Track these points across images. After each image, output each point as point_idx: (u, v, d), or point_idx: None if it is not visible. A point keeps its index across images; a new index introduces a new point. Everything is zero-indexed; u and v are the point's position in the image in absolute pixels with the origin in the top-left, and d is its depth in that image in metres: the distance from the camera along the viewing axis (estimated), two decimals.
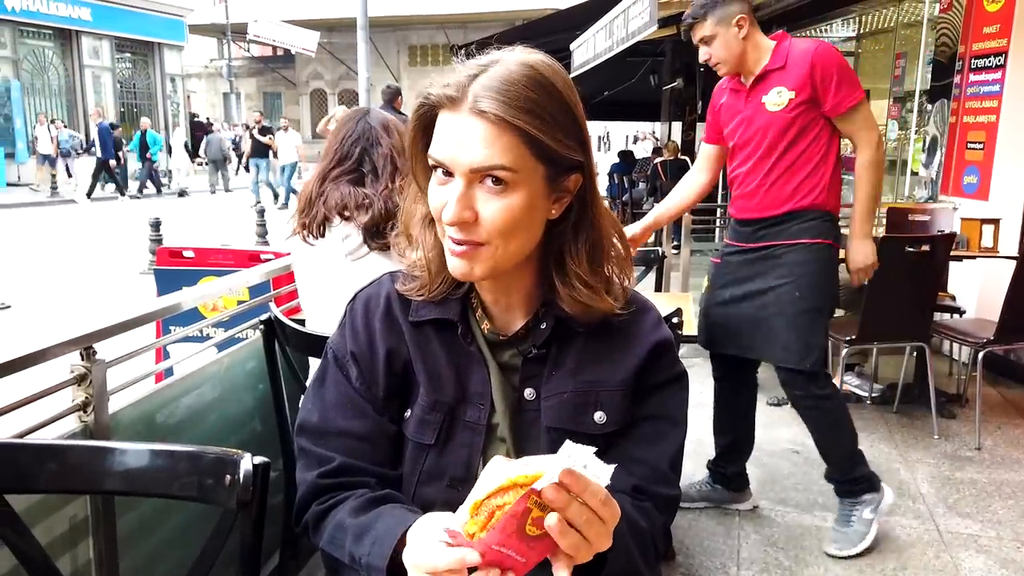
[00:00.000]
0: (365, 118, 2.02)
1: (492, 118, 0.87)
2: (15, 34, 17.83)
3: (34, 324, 5.56)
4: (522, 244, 0.94)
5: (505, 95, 0.88)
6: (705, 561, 2.54)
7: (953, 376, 4.40)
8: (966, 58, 4.70)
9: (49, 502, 1.39)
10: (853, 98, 2.38)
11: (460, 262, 0.93)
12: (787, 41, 2.46)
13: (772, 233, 2.52)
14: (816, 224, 2.47)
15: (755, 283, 2.56)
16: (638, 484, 1.00)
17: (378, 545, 0.88)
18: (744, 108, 2.51)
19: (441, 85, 0.91)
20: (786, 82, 2.40)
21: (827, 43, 2.46)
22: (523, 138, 0.88)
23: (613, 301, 1.00)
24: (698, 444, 3.16)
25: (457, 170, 0.89)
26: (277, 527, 2.10)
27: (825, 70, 2.35)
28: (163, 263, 3.46)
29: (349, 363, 1.05)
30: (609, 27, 6.26)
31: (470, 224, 0.90)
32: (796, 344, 2.48)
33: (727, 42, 2.44)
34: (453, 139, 0.89)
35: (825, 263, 2.50)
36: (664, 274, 3.85)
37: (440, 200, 0.91)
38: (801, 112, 2.39)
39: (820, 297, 2.51)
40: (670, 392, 1.06)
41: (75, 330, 1.48)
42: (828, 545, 2.59)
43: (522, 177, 0.90)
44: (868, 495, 2.61)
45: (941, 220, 4.28)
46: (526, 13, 18.71)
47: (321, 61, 26.06)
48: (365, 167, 1.96)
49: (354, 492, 0.99)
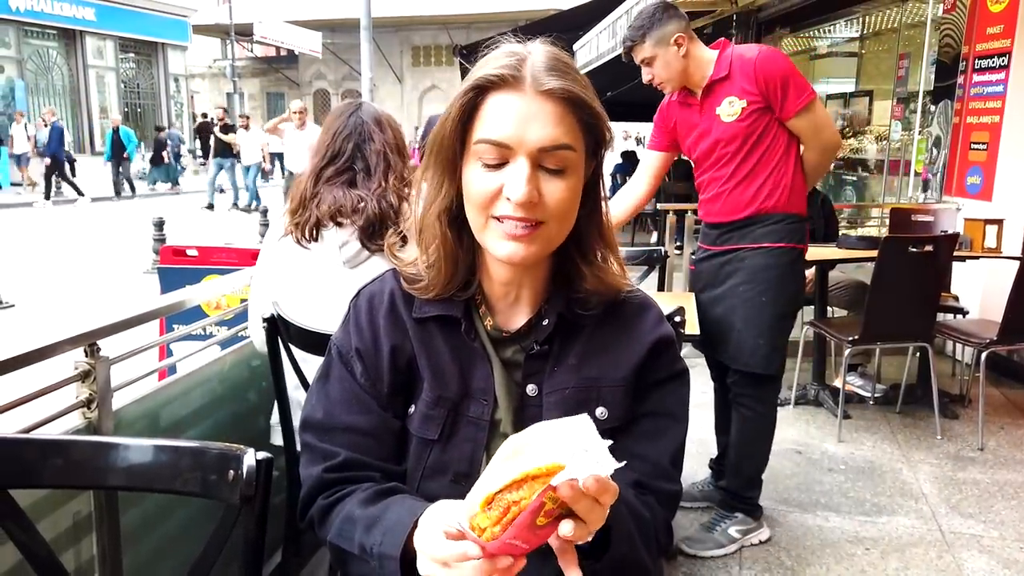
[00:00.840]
0: (357, 112, 1.95)
1: (559, 97, 0.90)
2: (19, 34, 17.87)
3: (38, 323, 5.58)
4: (569, 227, 0.97)
5: (566, 76, 0.91)
6: (708, 560, 2.54)
7: (956, 377, 4.39)
8: (970, 59, 4.70)
9: (53, 498, 1.39)
10: (800, 102, 2.36)
11: (518, 246, 0.92)
12: (729, 50, 2.45)
13: (736, 236, 2.53)
14: (779, 227, 2.47)
15: (721, 287, 2.57)
16: (639, 480, 1.00)
17: (390, 535, 0.88)
18: (700, 121, 2.51)
19: (495, 67, 0.91)
20: (734, 91, 2.40)
21: (770, 48, 2.48)
22: (581, 118, 0.92)
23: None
24: (700, 444, 3.16)
25: (523, 149, 0.90)
26: (280, 524, 2.11)
27: (769, 76, 2.35)
28: (167, 262, 3.47)
29: (354, 359, 1.05)
30: (612, 27, 6.26)
31: (534, 205, 0.91)
32: (763, 349, 2.49)
33: (667, 62, 2.45)
34: (517, 119, 0.90)
35: (788, 267, 2.50)
36: (667, 274, 3.84)
37: (492, 183, 0.91)
38: (755, 119, 2.39)
39: (785, 301, 2.52)
40: (671, 388, 1.06)
41: (79, 327, 1.48)
42: (683, 542, 2.61)
43: (579, 158, 0.93)
44: (743, 515, 2.65)
45: (944, 221, 4.27)
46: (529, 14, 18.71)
47: (324, 61, 26.09)
48: (357, 165, 1.90)
49: (360, 485, 0.99)
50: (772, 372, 2.53)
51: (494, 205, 0.92)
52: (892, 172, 6.67)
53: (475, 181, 0.93)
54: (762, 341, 2.49)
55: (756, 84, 2.36)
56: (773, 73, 2.35)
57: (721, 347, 2.60)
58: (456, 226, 1.00)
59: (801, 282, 2.60)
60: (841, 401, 3.57)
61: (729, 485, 2.70)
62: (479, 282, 1.04)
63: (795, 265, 2.54)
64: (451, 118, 0.94)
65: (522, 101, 0.90)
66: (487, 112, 0.92)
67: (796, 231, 2.51)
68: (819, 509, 2.88)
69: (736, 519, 2.63)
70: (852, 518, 2.82)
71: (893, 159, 6.68)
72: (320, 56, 24.10)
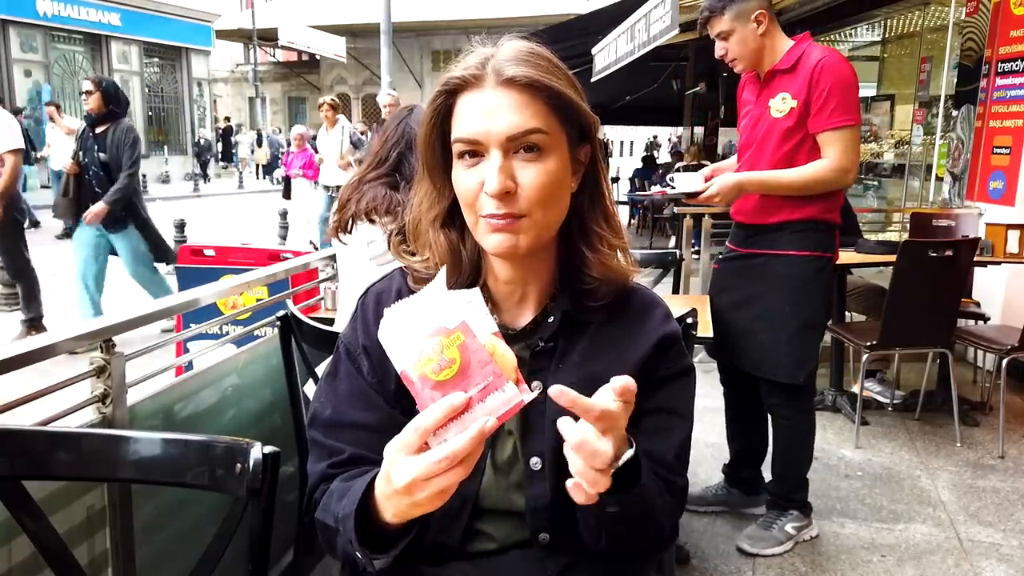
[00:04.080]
0: (407, 119, 1.99)
1: (521, 84, 0.91)
2: (46, 39, 18.13)
3: (58, 321, 5.64)
4: (557, 215, 0.98)
5: (527, 63, 0.93)
6: (720, 565, 2.52)
7: (977, 383, 4.33)
8: (992, 62, 4.64)
9: (67, 491, 1.41)
10: (833, 120, 2.26)
11: (503, 236, 0.94)
12: (805, 44, 2.36)
13: (763, 241, 2.46)
14: (807, 235, 2.39)
15: (743, 292, 2.51)
16: None
17: (351, 496, 0.89)
18: (754, 107, 2.45)
19: (460, 69, 0.94)
20: (791, 88, 2.31)
21: (840, 59, 2.33)
22: (550, 103, 0.93)
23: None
24: (712, 447, 3.15)
25: (492, 142, 0.91)
26: (292, 523, 2.12)
27: (820, 82, 2.25)
28: (185, 261, 3.51)
29: (361, 356, 1.06)
30: (630, 31, 6.25)
31: (511, 196, 0.92)
32: (788, 359, 2.44)
33: (744, 38, 2.36)
34: (483, 114, 0.92)
35: (814, 275, 2.42)
36: (684, 277, 3.83)
37: (473, 180, 0.93)
38: (800, 120, 2.30)
39: (811, 311, 2.45)
40: (677, 385, 1.06)
41: (95, 323, 1.51)
42: (742, 540, 2.59)
43: (553, 140, 0.94)
44: (797, 512, 2.63)
45: (966, 225, 4.22)
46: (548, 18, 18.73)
47: (345, 66, 26.26)
48: (403, 171, 1.94)
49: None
50: (798, 382, 2.46)
51: (479, 202, 0.94)
52: (913, 176, 6.60)
53: (460, 181, 0.96)
54: (786, 351, 2.43)
55: (808, 86, 2.27)
56: (825, 81, 2.24)
57: (743, 354, 2.55)
58: (457, 228, 1.02)
59: (829, 291, 2.51)
60: (859, 407, 3.54)
61: (777, 490, 2.66)
62: (485, 281, 1.05)
63: (821, 274, 2.44)
64: (425, 124, 0.98)
65: (485, 95, 0.92)
66: (458, 113, 0.95)
67: (824, 239, 2.42)
68: (835, 515, 2.85)
69: (792, 516, 2.62)
70: (868, 525, 2.79)
71: (914, 163, 6.62)
72: (344, 61, 24.27)
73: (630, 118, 17.64)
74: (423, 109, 2.00)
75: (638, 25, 5.96)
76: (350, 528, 0.86)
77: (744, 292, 2.51)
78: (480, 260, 1.04)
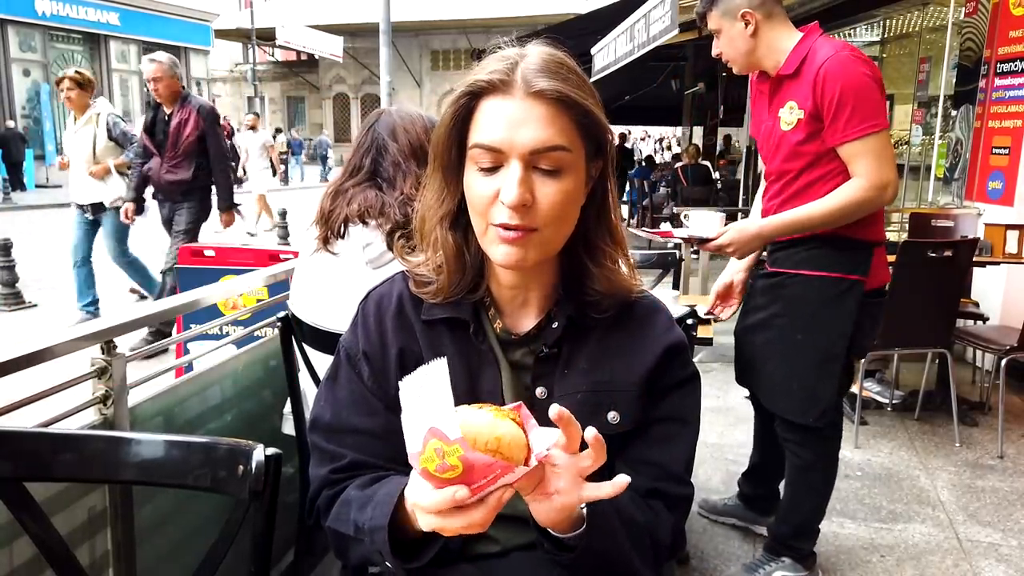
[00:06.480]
0: (374, 126, 1.95)
1: (550, 98, 0.90)
2: (45, 38, 18.14)
3: (59, 323, 5.64)
4: (567, 230, 0.97)
5: (557, 76, 0.91)
6: (719, 565, 2.52)
7: (976, 383, 4.34)
8: (991, 62, 4.65)
9: (68, 492, 1.41)
10: (853, 130, 1.94)
11: (512, 249, 0.92)
12: (811, 40, 2.05)
13: (781, 258, 2.21)
14: (824, 253, 2.10)
15: (759, 314, 2.26)
16: (652, 487, 1.01)
17: (380, 507, 0.89)
18: (766, 117, 2.18)
19: (486, 72, 0.92)
20: (797, 96, 2.04)
21: (847, 55, 1.97)
22: (576, 119, 0.92)
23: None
24: (712, 448, 3.15)
25: (514, 153, 0.90)
26: (292, 524, 2.12)
27: (827, 88, 1.94)
28: (185, 262, 3.51)
29: (361, 361, 1.06)
30: (630, 31, 6.25)
31: (526, 208, 0.91)
32: (798, 394, 2.18)
33: (731, 38, 2.14)
34: (507, 122, 0.90)
35: (832, 300, 2.11)
36: (684, 278, 3.83)
37: (488, 188, 0.92)
38: (812, 133, 2.02)
39: (828, 341, 2.13)
40: (682, 393, 1.06)
41: (95, 324, 1.51)
42: None
43: (574, 159, 0.92)
44: (790, 561, 2.35)
45: (965, 225, 4.22)
46: (548, 18, 18.74)
47: (344, 66, 26.28)
48: (381, 175, 1.91)
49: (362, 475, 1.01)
50: (808, 422, 2.17)
51: (491, 210, 0.92)
52: (911, 176, 6.61)
53: (473, 186, 0.94)
54: (796, 385, 2.17)
55: (814, 94, 1.97)
56: (833, 86, 1.93)
57: (755, 382, 2.33)
58: (462, 230, 1.01)
59: (851, 320, 2.12)
60: (858, 407, 3.54)
61: (776, 530, 2.41)
62: (487, 285, 1.05)
63: (844, 299, 2.10)
64: (444, 124, 0.95)
65: (512, 104, 0.90)
66: (480, 117, 0.92)
67: (851, 259, 2.09)
68: (834, 515, 2.85)
69: (783, 564, 2.34)
70: (868, 525, 2.79)
71: (913, 164, 6.62)
72: (340, 60, 24.26)
73: (630, 118, 17.65)
74: (392, 114, 1.99)
75: (638, 25, 5.96)
76: (381, 540, 0.86)
77: (761, 315, 2.26)
78: (483, 264, 1.04)
